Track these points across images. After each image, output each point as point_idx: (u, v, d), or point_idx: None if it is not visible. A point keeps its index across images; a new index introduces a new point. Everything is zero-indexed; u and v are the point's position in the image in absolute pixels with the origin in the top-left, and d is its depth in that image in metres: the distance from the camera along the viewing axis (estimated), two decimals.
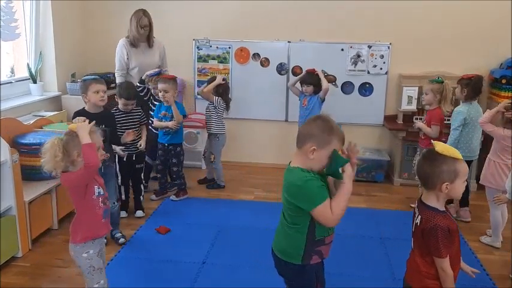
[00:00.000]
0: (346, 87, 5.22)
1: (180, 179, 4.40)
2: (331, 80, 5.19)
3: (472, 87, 3.88)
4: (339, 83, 5.21)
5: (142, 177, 4.16)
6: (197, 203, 4.41)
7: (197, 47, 5.33)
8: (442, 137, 4.14)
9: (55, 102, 4.80)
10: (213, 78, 4.65)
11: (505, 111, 3.51)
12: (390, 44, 5.06)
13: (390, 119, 5.12)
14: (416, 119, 4.68)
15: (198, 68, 5.36)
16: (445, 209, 2.03)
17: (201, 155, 5.15)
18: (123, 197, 4.00)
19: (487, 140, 4.02)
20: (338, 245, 3.57)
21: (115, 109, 3.88)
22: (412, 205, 4.39)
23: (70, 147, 2.25)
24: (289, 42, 5.19)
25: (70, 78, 4.99)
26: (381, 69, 5.12)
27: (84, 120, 2.39)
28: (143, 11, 4.42)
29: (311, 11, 5.07)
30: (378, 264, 3.34)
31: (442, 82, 4.04)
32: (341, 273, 3.19)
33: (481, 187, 3.90)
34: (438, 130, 4.03)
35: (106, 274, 3.10)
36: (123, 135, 3.59)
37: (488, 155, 3.65)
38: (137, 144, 3.86)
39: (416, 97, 4.84)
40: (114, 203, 3.42)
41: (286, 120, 5.33)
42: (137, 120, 3.92)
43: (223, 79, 4.68)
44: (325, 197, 1.91)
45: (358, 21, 5.05)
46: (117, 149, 3.66)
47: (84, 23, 5.24)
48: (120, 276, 3.09)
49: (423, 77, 4.75)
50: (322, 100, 4.57)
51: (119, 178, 3.91)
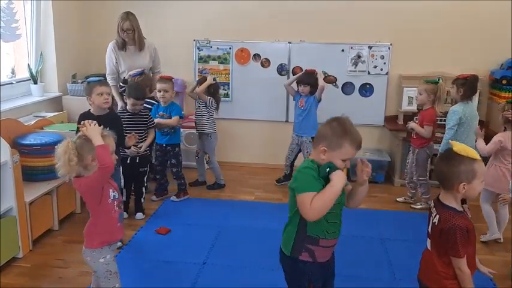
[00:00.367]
0: (347, 88, 5.22)
1: (180, 179, 4.40)
2: (332, 80, 5.20)
3: (468, 87, 3.89)
4: (340, 83, 5.21)
5: (145, 180, 4.14)
6: (197, 203, 4.41)
7: (197, 48, 5.33)
8: (434, 137, 4.19)
9: (56, 103, 4.80)
10: (204, 79, 4.62)
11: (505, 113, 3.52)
12: (391, 44, 5.06)
13: (391, 120, 5.12)
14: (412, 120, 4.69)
15: (198, 68, 5.36)
16: (462, 209, 2.02)
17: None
18: (124, 198, 3.99)
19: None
20: (338, 245, 3.58)
21: (123, 110, 3.88)
22: (412, 206, 4.38)
23: (84, 151, 2.21)
24: (289, 43, 5.19)
25: (71, 79, 5.00)
26: (382, 69, 5.12)
27: (91, 124, 2.33)
28: (127, 14, 4.26)
29: (312, 12, 5.07)
30: (379, 264, 3.34)
31: (437, 83, 4.08)
32: (341, 274, 3.17)
33: None
34: (431, 130, 4.08)
35: None
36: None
37: (490, 158, 3.66)
38: (138, 146, 3.81)
39: (417, 98, 4.82)
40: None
41: (286, 121, 5.33)
42: (144, 123, 3.91)
43: (214, 79, 4.68)
44: (314, 189, 1.88)
45: (359, 22, 5.05)
46: (128, 151, 3.68)
47: (85, 23, 5.24)
48: (120, 277, 3.09)
49: (424, 77, 4.72)
50: (319, 100, 4.58)
51: (122, 180, 3.90)
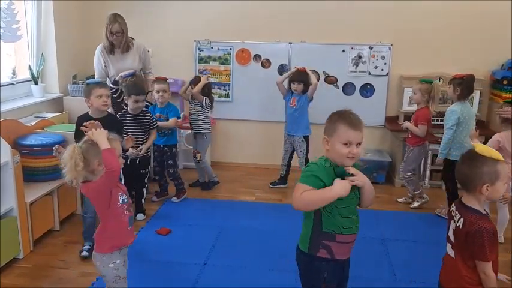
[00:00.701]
0: (347, 88, 5.22)
1: (177, 179, 4.40)
2: (333, 81, 5.20)
3: (464, 86, 3.91)
4: (340, 84, 5.21)
5: (146, 182, 4.12)
6: (198, 204, 4.41)
7: (198, 48, 5.33)
8: (429, 136, 4.21)
9: (56, 104, 4.80)
10: (197, 79, 4.55)
11: (500, 111, 3.55)
12: (391, 45, 5.06)
13: (391, 120, 5.12)
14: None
15: (199, 69, 5.35)
16: (485, 212, 1.99)
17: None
18: None
19: None
20: None
21: (124, 111, 3.86)
22: (412, 206, 4.38)
23: (90, 156, 2.18)
24: (290, 43, 5.19)
25: (71, 80, 5.01)
26: (382, 70, 5.12)
27: (97, 126, 2.29)
28: (114, 16, 4.12)
29: (312, 12, 5.07)
30: (379, 265, 3.34)
31: (432, 82, 4.11)
32: None
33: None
34: (425, 129, 4.12)
35: None
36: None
37: None
38: (138, 148, 3.78)
39: None
40: None
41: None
42: (146, 124, 3.88)
43: (207, 78, 4.64)
44: (312, 185, 1.92)
45: (359, 23, 5.05)
46: (127, 153, 3.64)
47: (85, 24, 5.24)
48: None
49: (424, 78, 4.73)
50: (310, 99, 4.57)
51: (122, 180, 3.89)
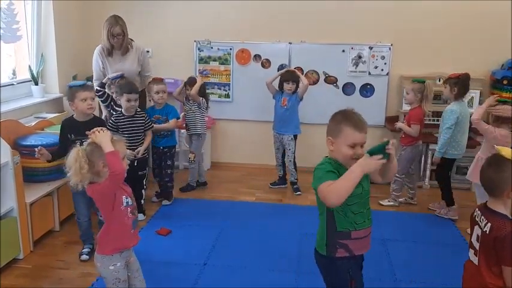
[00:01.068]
0: (347, 88, 5.21)
1: (173, 181, 4.39)
2: (332, 81, 5.20)
3: (461, 85, 3.94)
4: (340, 84, 5.21)
5: (144, 183, 4.10)
6: (198, 204, 4.41)
7: (198, 49, 5.33)
8: (421, 136, 4.25)
9: (56, 104, 4.80)
10: (193, 80, 4.52)
11: (493, 110, 3.58)
12: (391, 45, 5.06)
13: (391, 120, 5.11)
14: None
15: (199, 69, 5.36)
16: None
17: (200, 157, 4.82)
18: None
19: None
20: None
21: (119, 113, 3.81)
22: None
23: (95, 158, 2.18)
24: (290, 43, 5.19)
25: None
26: (382, 70, 5.12)
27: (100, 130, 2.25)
28: (116, 18, 4.07)
29: (312, 12, 5.07)
30: (379, 265, 3.33)
31: (424, 82, 4.14)
32: None
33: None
34: (418, 129, 4.13)
35: None
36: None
37: (478, 153, 3.76)
38: (136, 150, 3.74)
39: None
40: (101, 216, 3.20)
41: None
42: (141, 125, 3.83)
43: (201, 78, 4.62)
44: (330, 178, 1.91)
45: (359, 23, 5.05)
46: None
47: (85, 24, 5.24)
48: None
49: (424, 78, 4.73)
50: (301, 99, 4.57)
51: None
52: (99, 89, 3.97)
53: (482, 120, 3.59)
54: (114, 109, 4.05)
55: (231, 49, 5.28)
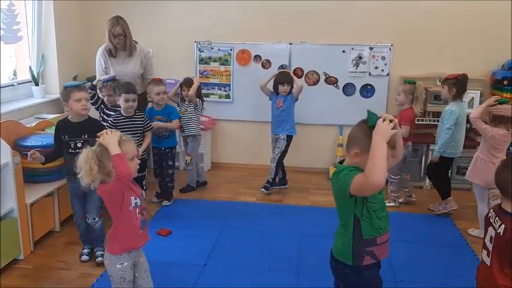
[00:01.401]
0: (348, 89, 5.21)
1: (173, 182, 4.39)
2: (333, 81, 5.20)
3: (459, 86, 3.95)
4: (341, 84, 5.21)
5: (144, 184, 4.10)
6: (198, 205, 4.41)
7: (198, 49, 5.33)
8: (412, 137, 4.27)
9: (57, 105, 4.80)
10: (189, 81, 4.48)
11: (492, 110, 3.60)
12: (392, 45, 5.05)
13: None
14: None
15: (199, 70, 5.36)
16: None
17: (197, 157, 4.79)
18: None
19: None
20: None
21: (117, 113, 3.79)
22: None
23: (104, 158, 2.17)
24: (290, 44, 5.19)
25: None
26: (383, 70, 5.12)
27: (113, 132, 2.24)
28: (117, 19, 4.08)
29: (312, 13, 5.07)
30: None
31: (415, 83, 4.15)
32: None
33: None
34: (408, 130, 4.15)
35: (107, 276, 3.13)
36: None
37: (476, 153, 3.77)
38: None
39: None
40: (94, 219, 3.24)
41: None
42: (140, 126, 3.80)
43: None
44: (358, 172, 1.83)
45: (360, 23, 5.05)
46: None
47: (86, 25, 5.25)
48: None
49: (425, 78, 4.74)
50: (296, 99, 4.57)
51: None
52: (89, 90, 3.82)
53: (480, 119, 3.62)
54: (104, 112, 4.01)
55: (231, 50, 5.28)
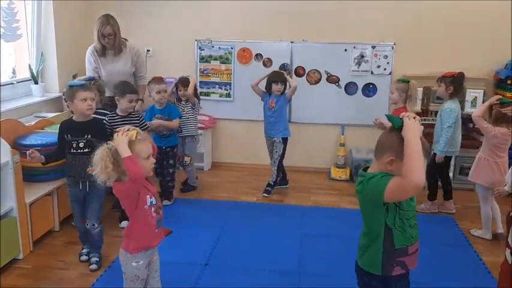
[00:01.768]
0: (350, 88, 5.19)
1: (174, 181, 4.36)
2: (335, 80, 5.18)
3: (457, 84, 3.96)
4: (342, 83, 5.18)
5: None
6: (199, 204, 4.39)
7: (199, 48, 5.30)
8: None
9: (56, 103, 4.77)
10: (185, 79, 4.45)
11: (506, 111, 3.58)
12: (394, 44, 5.03)
13: None
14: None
15: (200, 68, 5.34)
16: None
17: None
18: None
19: None
20: (341, 247, 3.56)
21: (113, 113, 3.74)
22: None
23: (119, 157, 2.16)
24: (292, 42, 5.16)
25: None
26: (385, 69, 5.09)
27: (127, 130, 2.21)
28: (107, 18, 3.99)
29: (314, 11, 5.04)
30: None
31: (408, 82, 4.14)
32: (343, 275, 3.16)
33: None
34: None
35: (109, 276, 3.12)
36: None
37: (479, 153, 3.76)
38: None
39: (421, 98, 4.81)
40: (94, 225, 3.19)
41: (289, 121, 5.28)
42: (136, 125, 3.69)
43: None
44: (390, 177, 1.79)
45: (362, 22, 5.02)
46: None
47: (85, 23, 5.20)
48: (121, 278, 3.07)
49: (427, 77, 4.71)
50: (289, 100, 4.53)
51: None
52: None
53: (483, 118, 3.62)
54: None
55: (232, 48, 5.25)
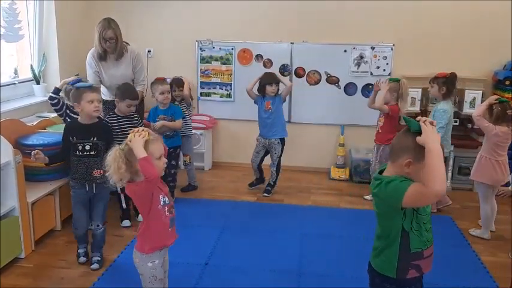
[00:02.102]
0: (349, 89, 5.21)
1: (175, 181, 4.38)
2: (334, 81, 5.20)
3: (449, 84, 4.00)
4: (342, 84, 5.20)
5: None
6: (199, 204, 4.41)
7: (200, 48, 5.33)
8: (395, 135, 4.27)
9: None
10: (179, 80, 4.46)
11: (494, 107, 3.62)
12: (393, 45, 5.05)
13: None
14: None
15: (201, 69, 5.36)
16: None
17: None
18: (124, 205, 3.87)
19: None
20: (341, 247, 3.58)
21: (112, 114, 3.75)
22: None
23: (133, 158, 2.17)
24: (292, 43, 5.18)
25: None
26: (384, 70, 5.11)
27: (143, 131, 2.24)
28: (108, 21, 3.92)
29: (314, 12, 5.06)
30: None
31: (399, 81, 4.19)
32: (344, 275, 3.19)
33: None
34: (388, 109, 4.21)
35: (110, 275, 3.14)
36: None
37: (479, 152, 3.78)
38: None
39: (420, 98, 4.83)
40: (98, 226, 3.21)
41: (289, 122, 5.32)
42: (135, 125, 3.73)
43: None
44: (410, 182, 1.78)
45: (361, 23, 5.04)
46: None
47: (87, 23, 5.22)
48: (122, 277, 3.10)
49: (427, 78, 4.70)
50: (284, 100, 4.54)
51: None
52: (53, 96, 3.66)
53: (483, 117, 3.64)
54: (71, 117, 3.68)
55: (232, 49, 5.28)
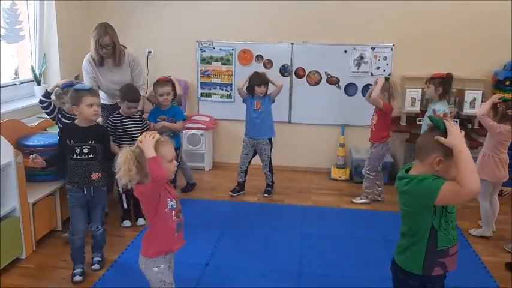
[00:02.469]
0: (350, 89, 5.21)
1: (175, 181, 4.38)
2: (334, 81, 5.20)
3: (446, 85, 4.01)
4: (342, 84, 5.21)
5: None
6: (200, 204, 4.41)
7: (200, 49, 5.33)
8: (389, 134, 4.40)
9: None
10: (170, 82, 4.37)
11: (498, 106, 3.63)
12: (393, 45, 5.05)
13: (393, 121, 5.10)
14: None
15: (201, 69, 5.37)
16: None
17: (198, 157, 4.83)
18: (125, 205, 3.88)
19: None
20: (341, 247, 3.59)
21: (116, 114, 3.78)
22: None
23: (143, 160, 2.16)
24: (292, 44, 5.19)
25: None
26: (384, 70, 5.11)
27: (153, 134, 2.23)
28: (105, 27, 3.81)
29: (314, 13, 5.07)
30: (382, 266, 3.31)
31: (388, 80, 4.21)
32: (344, 275, 3.19)
33: None
34: (382, 103, 4.22)
35: (110, 276, 3.14)
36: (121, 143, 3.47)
37: (482, 150, 3.79)
38: None
39: (420, 99, 4.83)
40: (97, 227, 3.17)
41: (289, 122, 5.34)
42: (139, 126, 3.79)
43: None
44: (442, 181, 1.79)
45: (362, 23, 5.05)
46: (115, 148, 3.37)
47: (88, 24, 5.19)
48: (123, 278, 3.11)
49: (427, 78, 4.74)
50: (273, 101, 4.52)
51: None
52: (43, 99, 3.59)
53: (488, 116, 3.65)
54: (62, 122, 3.60)
55: (233, 49, 5.28)
